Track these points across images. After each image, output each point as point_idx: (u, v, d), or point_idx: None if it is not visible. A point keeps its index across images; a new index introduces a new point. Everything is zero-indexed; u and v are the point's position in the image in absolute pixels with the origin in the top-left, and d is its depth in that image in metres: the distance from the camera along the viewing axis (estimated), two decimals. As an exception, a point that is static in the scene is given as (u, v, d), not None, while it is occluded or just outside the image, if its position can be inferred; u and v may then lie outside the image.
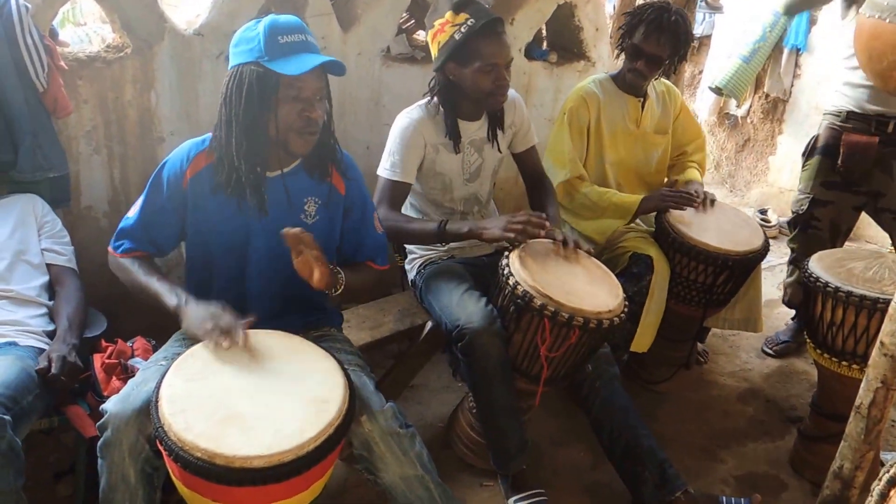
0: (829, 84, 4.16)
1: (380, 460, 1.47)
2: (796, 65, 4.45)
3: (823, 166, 2.59)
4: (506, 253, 1.88)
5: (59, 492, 1.91)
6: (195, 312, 1.47)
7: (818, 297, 2.04)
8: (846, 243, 2.75)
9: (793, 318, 3.00)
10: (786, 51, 4.40)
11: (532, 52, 3.15)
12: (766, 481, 2.23)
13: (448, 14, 1.95)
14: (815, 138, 2.65)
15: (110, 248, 1.65)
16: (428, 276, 2.09)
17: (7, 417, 1.43)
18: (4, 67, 1.85)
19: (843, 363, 2.02)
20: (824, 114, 2.66)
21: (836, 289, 1.97)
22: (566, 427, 2.36)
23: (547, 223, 1.86)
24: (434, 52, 2.00)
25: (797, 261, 2.72)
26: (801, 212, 2.66)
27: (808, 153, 2.67)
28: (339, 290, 1.59)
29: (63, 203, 2.09)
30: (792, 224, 2.76)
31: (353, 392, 1.40)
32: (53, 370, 1.60)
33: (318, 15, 2.50)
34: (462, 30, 1.92)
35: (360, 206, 1.72)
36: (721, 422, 2.51)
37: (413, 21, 3.13)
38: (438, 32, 1.96)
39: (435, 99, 2.09)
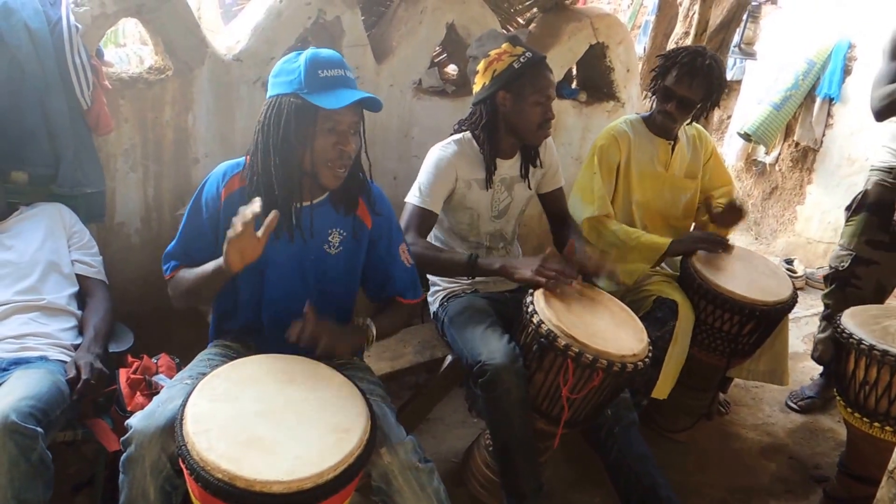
0: (863, 135, 4.18)
1: (398, 494, 1.45)
2: (829, 114, 4.42)
3: (871, 224, 2.53)
4: (531, 291, 1.87)
5: (77, 503, 1.91)
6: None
7: (851, 354, 1.99)
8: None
9: (821, 375, 2.93)
10: (818, 100, 4.38)
11: (562, 90, 3.18)
12: (790, 541, 2.16)
13: (505, 45, 2.01)
14: (864, 194, 2.57)
15: (165, 276, 1.68)
16: (451, 309, 2.08)
17: (40, 430, 1.45)
18: (52, 84, 1.91)
19: (876, 424, 1.96)
20: (871, 169, 2.60)
21: (871, 347, 1.92)
22: (582, 472, 2.32)
23: (579, 278, 1.87)
24: (486, 80, 2.02)
25: (831, 317, 2.66)
26: (841, 268, 2.59)
27: (854, 208, 2.60)
28: (371, 344, 1.63)
29: (98, 218, 2.13)
30: (829, 279, 2.69)
31: (374, 423, 1.40)
32: (84, 375, 1.62)
33: (354, 46, 2.55)
34: (521, 60, 1.98)
35: (387, 240, 1.73)
36: (742, 476, 2.44)
37: (445, 55, 3.19)
38: (496, 60, 2.00)
39: (468, 134, 2.11)
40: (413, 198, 2.05)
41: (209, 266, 1.53)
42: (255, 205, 1.39)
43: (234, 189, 1.60)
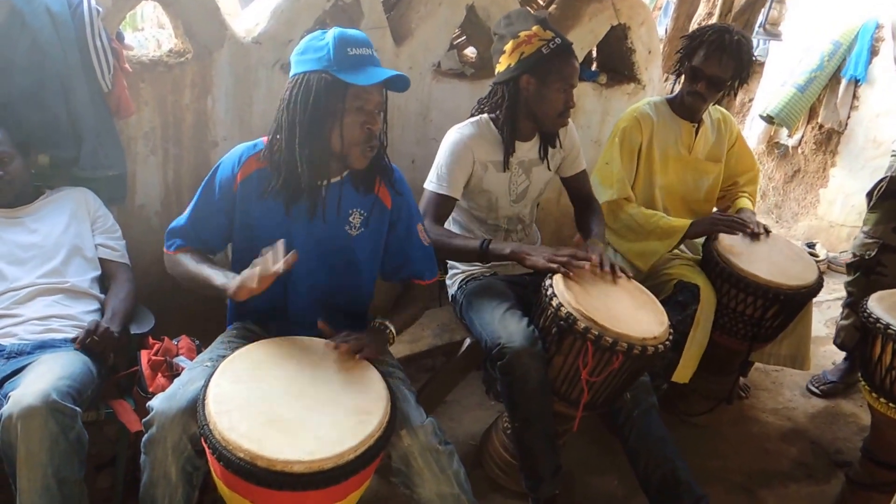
0: (889, 117, 4.09)
1: (417, 476, 1.46)
2: (854, 96, 4.32)
3: None
4: (549, 273, 1.86)
5: (98, 483, 1.94)
6: (241, 274, 1.46)
7: (877, 338, 1.96)
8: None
9: (844, 359, 2.89)
10: (844, 81, 4.29)
11: (582, 72, 3.13)
12: (810, 526, 2.15)
13: (536, 28, 1.97)
14: (888, 180, 2.52)
15: (165, 249, 1.69)
16: (470, 291, 2.08)
17: (78, 409, 1.48)
18: (73, 67, 1.92)
19: (901, 409, 1.94)
20: (893, 155, 2.55)
21: (899, 332, 1.89)
22: (601, 455, 2.32)
23: (593, 257, 1.84)
24: (512, 61, 1.99)
25: (854, 305, 2.62)
26: (867, 256, 2.56)
27: (879, 195, 2.54)
28: (394, 342, 1.62)
29: (118, 201, 2.15)
30: (853, 267, 2.65)
31: (394, 405, 1.40)
32: (88, 327, 1.66)
33: (373, 28, 2.53)
34: (551, 45, 1.95)
35: (406, 221, 1.72)
36: (762, 460, 2.43)
37: (465, 37, 3.15)
38: (524, 43, 1.97)
39: (486, 115, 2.09)
40: (430, 184, 2.03)
41: (212, 277, 1.53)
42: (285, 264, 1.40)
43: (251, 171, 1.60)
